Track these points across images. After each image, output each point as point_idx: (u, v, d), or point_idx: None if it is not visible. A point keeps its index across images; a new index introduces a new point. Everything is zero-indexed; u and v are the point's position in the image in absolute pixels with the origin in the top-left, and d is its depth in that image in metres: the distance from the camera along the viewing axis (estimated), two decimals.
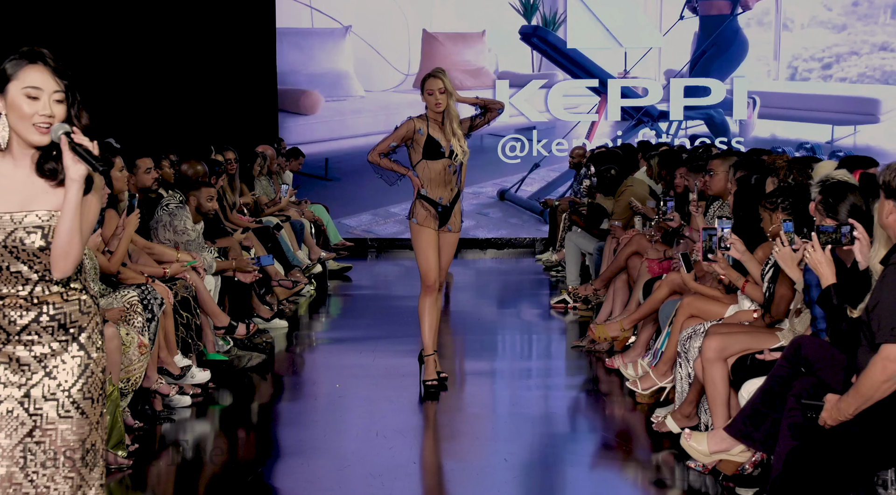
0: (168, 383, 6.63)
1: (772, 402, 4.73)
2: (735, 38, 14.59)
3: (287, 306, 9.90)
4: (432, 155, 6.84)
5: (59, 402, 3.17)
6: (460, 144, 6.84)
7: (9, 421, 3.13)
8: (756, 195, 6.21)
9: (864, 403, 4.04)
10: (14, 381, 3.13)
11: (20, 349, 3.14)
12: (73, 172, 3.06)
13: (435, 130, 6.82)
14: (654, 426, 6.09)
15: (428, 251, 6.93)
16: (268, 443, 6.29)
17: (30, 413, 3.15)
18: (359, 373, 7.72)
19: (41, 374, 3.16)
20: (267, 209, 11.22)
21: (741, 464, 5.12)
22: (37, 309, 3.16)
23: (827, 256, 4.44)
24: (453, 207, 6.98)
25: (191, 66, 13.88)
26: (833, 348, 4.63)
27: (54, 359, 3.18)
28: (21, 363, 3.14)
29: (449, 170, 6.88)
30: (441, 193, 6.90)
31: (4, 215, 3.11)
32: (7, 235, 3.11)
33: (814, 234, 4.47)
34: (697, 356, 5.61)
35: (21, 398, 3.14)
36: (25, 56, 3.09)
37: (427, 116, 6.82)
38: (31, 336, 3.15)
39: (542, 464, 5.81)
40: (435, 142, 6.81)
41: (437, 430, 6.36)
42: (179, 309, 7.00)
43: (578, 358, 8.09)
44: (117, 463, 5.43)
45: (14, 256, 3.12)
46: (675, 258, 7.57)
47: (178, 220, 7.78)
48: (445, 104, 6.75)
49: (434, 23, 14.70)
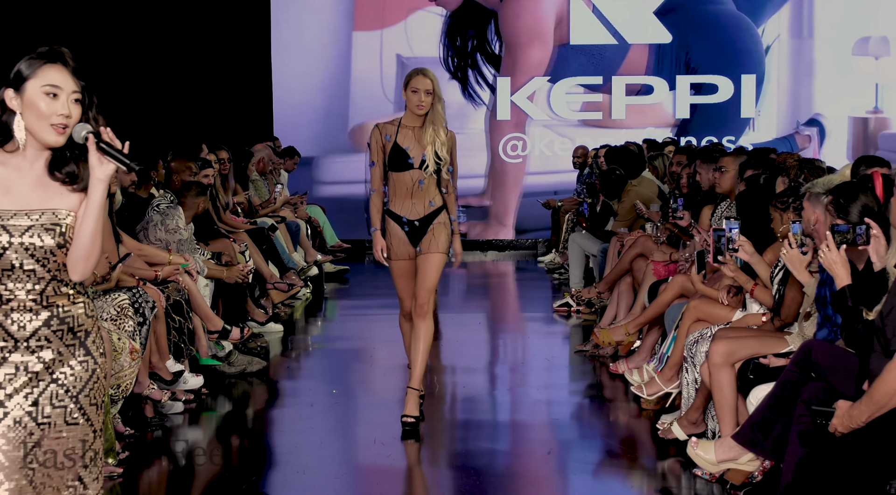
0: (160, 388, 6.61)
1: (781, 409, 4.72)
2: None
3: (282, 310, 9.89)
4: (397, 165, 6.15)
5: (68, 409, 3.18)
6: (438, 153, 6.09)
7: (17, 432, 3.12)
8: (766, 195, 6.20)
9: (877, 411, 4.03)
10: (22, 391, 3.13)
11: (28, 356, 3.14)
12: (100, 173, 3.12)
13: (406, 137, 6.13)
14: (660, 433, 6.07)
15: (398, 280, 6.36)
16: (262, 451, 6.27)
17: (38, 422, 3.14)
18: (356, 379, 7.70)
19: (48, 381, 3.16)
20: (261, 210, 11.21)
21: (750, 474, 5.10)
22: (47, 311, 3.17)
23: (842, 256, 4.42)
24: (428, 225, 6.22)
25: (186, 64, 13.90)
26: (845, 353, 4.62)
27: (62, 365, 3.18)
28: (29, 370, 3.14)
29: (418, 185, 6.16)
30: (407, 210, 6.20)
31: (21, 213, 3.12)
32: (24, 232, 3.12)
33: (828, 234, 4.45)
34: (704, 361, 5.60)
35: (29, 407, 3.14)
36: (44, 55, 3.13)
37: (400, 120, 6.18)
38: (39, 341, 3.16)
39: (545, 472, 5.80)
40: (401, 151, 6.12)
41: (436, 437, 6.34)
42: (171, 313, 6.98)
43: (582, 363, 8.08)
44: (108, 472, 5.42)
45: (30, 254, 3.13)
46: (682, 260, 7.57)
47: (171, 219, 7.77)
48: (428, 107, 6.07)
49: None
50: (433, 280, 6.23)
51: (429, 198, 6.20)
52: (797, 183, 6.03)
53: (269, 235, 10.25)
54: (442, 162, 6.11)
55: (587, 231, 10.43)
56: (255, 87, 14.56)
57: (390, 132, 6.14)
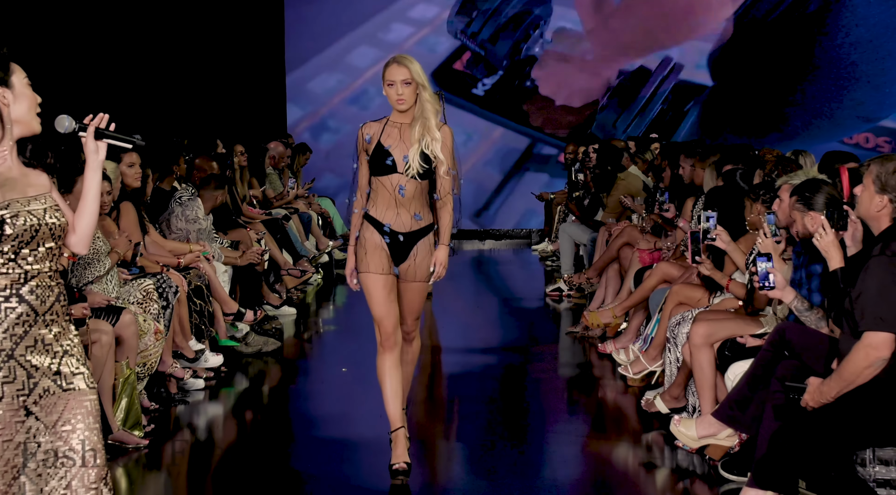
0: (182, 367, 6.61)
1: (756, 386, 4.72)
2: None
3: (295, 294, 9.88)
4: (378, 168, 4.86)
5: (85, 375, 3.17)
6: (426, 153, 4.80)
7: (48, 400, 3.09)
8: (741, 188, 6.19)
9: (845, 387, 4.04)
10: (44, 363, 3.10)
11: (44, 330, 3.11)
12: (100, 156, 3.23)
13: (390, 135, 4.87)
14: (644, 406, 6.07)
15: (374, 294, 4.93)
16: (277, 423, 6.27)
17: (63, 388, 3.12)
18: (364, 357, 7.69)
19: (62, 353, 3.14)
20: (276, 202, 11.21)
21: (728, 448, 5.10)
22: (58, 287, 3.16)
23: (836, 240, 4.38)
24: (413, 245, 4.93)
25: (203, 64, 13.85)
26: (816, 333, 4.62)
27: (66, 339, 3.17)
28: (45, 343, 3.11)
29: (398, 191, 4.85)
30: (391, 219, 4.89)
31: (33, 201, 3.11)
32: (43, 214, 3.11)
33: (824, 218, 4.41)
34: (685, 341, 5.60)
35: (53, 376, 3.11)
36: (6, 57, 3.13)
37: (388, 118, 4.93)
38: (52, 315, 3.13)
39: (539, 443, 5.79)
40: (383, 151, 4.85)
41: (436, 411, 6.34)
42: (193, 297, 6.98)
43: (573, 343, 8.07)
44: (134, 443, 5.42)
45: (51, 233, 3.12)
46: (665, 248, 7.55)
47: (190, 210, 7.79)
48: (411, 100, 4.81)
49: None
50: (418, 307, 5.08)
51: (414, 210, 4.89)
52: (772, 178, 6.02)
53: (283, 225, 10.25)
54: (433, 163, 4.83)
55: (579, 219, 10.40)
56: (270, 86, 14.51)
57: (374, 131, 4.89)
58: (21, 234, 3.05)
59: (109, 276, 6.09)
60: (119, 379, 5.51)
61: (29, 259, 3.08)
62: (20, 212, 3.05)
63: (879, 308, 3.91)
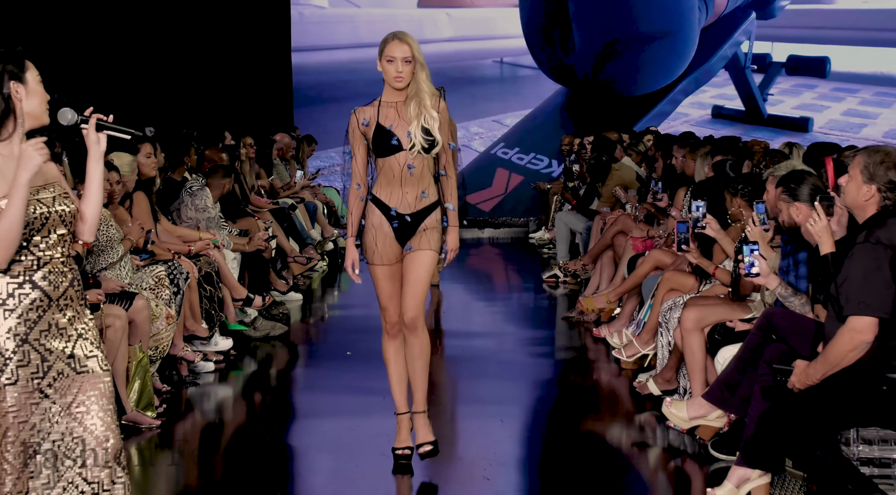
0: (193, 351, 6.68)
1: (745, 368, 4.76)
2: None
3: (301, 280, 9.94)
4: (382, 150, 4.68)
5: (99, 358, 3.22)
6: (426, 127, 4.63)
7: (62, 382, 3.15)
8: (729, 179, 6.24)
9: (830, 370, 4.08)
10: (58, 347, 3.15)
11: (58, 314, 3.16)
12: (102, 147, 3.30)
13: (388, 115, 4.68)
14: (637, 388, 6.13)
15: (381, 284, 4.85)
16: (284, 405, 6.34)
17: (77, 371, 3.16)
18: (368, 342, 7.74)
19: (76, 336, 3.18)
20: (283, 192, 11.25)
21: (718, 429, 5.15)
22: (71, 273, 3.20)
23: (829, 226, 4.44)
24: (419, 223, 4.76)
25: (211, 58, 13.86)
26: (802, 318, 4.67)
27: (80, 322, 3.21)
28: (59, 327, 3.16)
29: (407, 170, 4.68)
30: (396, 200, 4.73)
31: (42, 189, 3.15)
32: (52, 202, 3.16)
33: (817, 204, 4.44)
34: (677, 326, 5.65)
35: (67, 359, 3.16)
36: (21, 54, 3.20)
37: (380, 100, 4.73)
38: (66, 300, 3.18)
39: (536, 425, 5.85)
40: (385, 132, 4.66)
41: (437, 392, 6.39)
42: (203, 283, 7.05)
43: (568, 328, 8.13)
44: (147, 423, 5.50)
45: (62, 220, 3.17)
46: (657, 236, 7.61)
47: (199, 199, 7.86)
48: (408, 78, 4.63)
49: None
50: (423, 285, 4.77)
51: (421, 188, 4.73)
52: (759, 169, 6.06)
53: (290, 214, 10.30)
54: (435, 139, 4.66)
55: (575, 208, 10.46)
56: (276, 79, 14.52)
57: (369, 115, 4.69)
58: (32, 222, 3.09)
59: (123, 263, 6.16)
60: (132, 362, 5.58)
61: (41, 246, 3.12)
62: (30, 201, 3.08)
63: (863, 293, 3.94)
